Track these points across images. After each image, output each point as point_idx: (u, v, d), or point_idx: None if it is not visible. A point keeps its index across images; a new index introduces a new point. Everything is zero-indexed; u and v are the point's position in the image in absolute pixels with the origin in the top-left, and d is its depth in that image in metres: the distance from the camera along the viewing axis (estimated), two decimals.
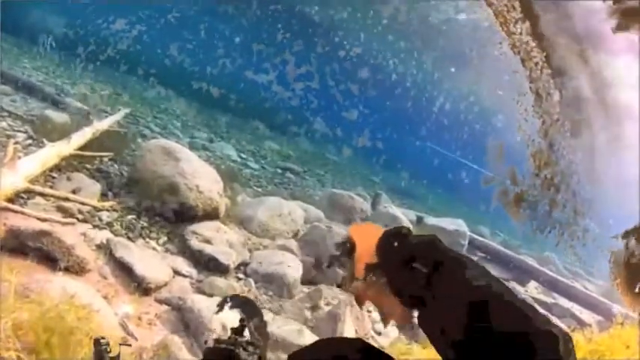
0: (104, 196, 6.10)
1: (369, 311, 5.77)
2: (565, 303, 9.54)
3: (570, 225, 7.98)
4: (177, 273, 5.42)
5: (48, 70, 11.31)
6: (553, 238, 8.19)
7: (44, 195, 5.43)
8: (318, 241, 6.80)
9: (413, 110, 16.63)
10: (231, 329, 1.24)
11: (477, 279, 0.83)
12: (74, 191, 5.78)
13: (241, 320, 1.26)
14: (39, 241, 4.39)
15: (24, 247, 4.34)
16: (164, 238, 5.94)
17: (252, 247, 6.63)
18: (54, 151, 6.06)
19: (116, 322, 4.11)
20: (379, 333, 5.80)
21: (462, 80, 15.97)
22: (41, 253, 4.38)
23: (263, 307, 5.32)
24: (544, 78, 7.10)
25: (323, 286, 5.65)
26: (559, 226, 7.98)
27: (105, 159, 7.02)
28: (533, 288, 10.23)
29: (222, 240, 6.11)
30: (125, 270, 4.92)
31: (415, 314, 0.91)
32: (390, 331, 5.86)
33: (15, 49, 11.77)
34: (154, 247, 5.73)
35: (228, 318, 1.47)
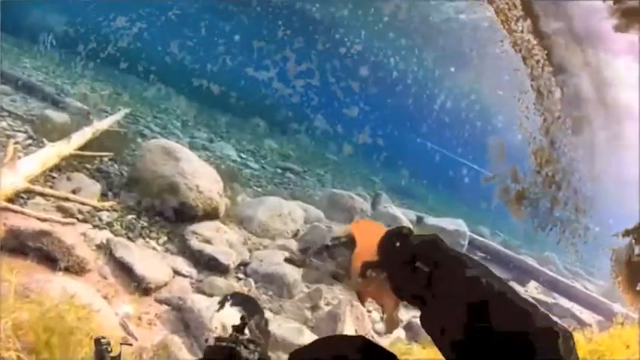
0: (104, 196, 6.10)
1: (369, 311, 5.77)
2: (565, 303, 9.52)
3: (571, 222, 7.98)
4: (177, 273, 5.41)
5: (48, 70, 11.31)
6: (554, 236, 8.18)
7: (44, 195, 5.42)
8: (317, 241, 6.78)
9: (414, 108, 16.61)
10: (232, 327, 1.23)
11: (477, 278, 0.83)
12: (74, 191, 5.78)
13: (242, 318, 1.26)
14: (39, 241, 4.39)
15: (24, 247, 4.34)
16: (164, 238, 5.94)
17: (252, 247, 6.63)
18: (54, 151, 6.06)
19: (116, 322, 4.11)
20: (379, 333, 5.80)
21: (462, 78, 15.96)
22: (41, 253, 4.37)
23: (263, 307, 5.31)
24: (545, 76, 7.09)
25: (323, 286, 5.65)
26: (560, 224, 7.98)
27: (105, 159, 7.02)
28: (533, 288, 10.22)
29: (222, 240, 6.11)
30: (125, 270, 4.92)
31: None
32: None
33: (15, 48, 11.76)
34: (154, 247, 5.72)
35: (228, 317, 1.47)
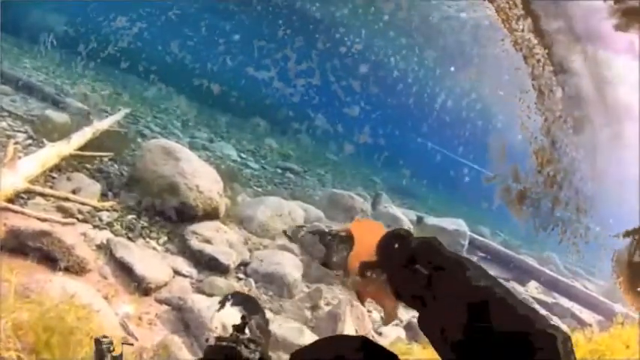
0: (104, 196, 6.10)
1: (369, 311, 5.77)
2: (565, 303, 9.53)
3: (573, 222, 7.97)
4: (177, 273, 5.42)
5: (48, 70, 11.31)
6: (554, 236, 8.17)
7: (44, 195, 5.42)
8: (318, 241, 6.78)
9: (414, 107, 16.59)
10: (233, 326, 1.23)
11: (477, 280, 0.84)
12: (74, 191, 5.78)
13: (243, 317, 1.26)
14: (39, 241, 4.39)
15: (24, 247, 4.35)
16: (164, 238, 5.94)
17: (253, 247, 6.63)
18: (54, 151, 6.06)
19: (116, 322, 4.11)
20: (380, 333, 5.80)
21: (463, 78, 15.93)
22: (41, 253, 4.38)
23: (263, 307, 5.31)
24: (546, 75, 7.08)
25: (323, 286, 5.65)
26: (562, 224, 7.96)
27: (105, 159, 7.02)
28: (533, 288, 10.22)
29: (222, 240, 6.11)
30: (125, 270, 4.92)
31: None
32: (391, 331, 5.86)
33: (15, 48, 11.77)
34: (154, 247, 5.73)
35: (228, 317, 1.47)
